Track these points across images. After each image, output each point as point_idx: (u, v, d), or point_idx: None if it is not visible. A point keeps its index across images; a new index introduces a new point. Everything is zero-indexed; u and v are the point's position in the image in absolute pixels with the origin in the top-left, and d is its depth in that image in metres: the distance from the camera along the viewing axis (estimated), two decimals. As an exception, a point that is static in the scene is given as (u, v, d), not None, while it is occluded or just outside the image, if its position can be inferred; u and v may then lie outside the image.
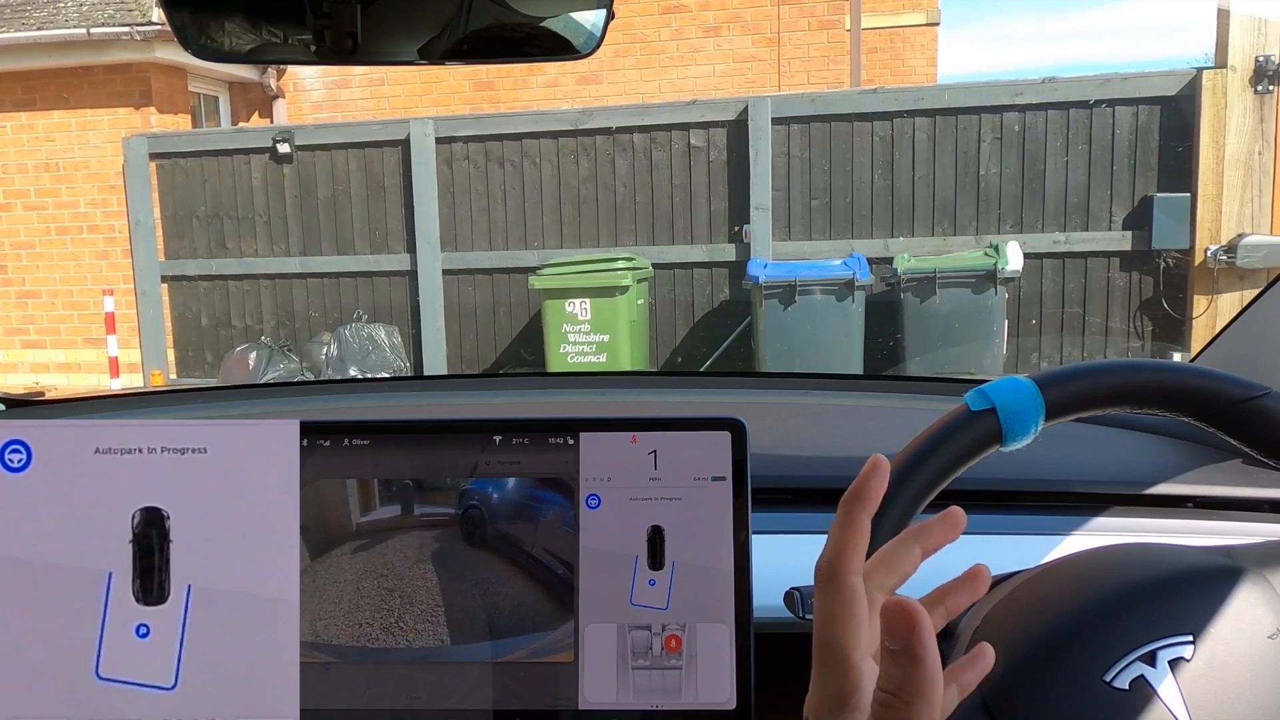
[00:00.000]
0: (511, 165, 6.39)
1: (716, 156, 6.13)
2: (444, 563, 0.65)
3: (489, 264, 6.44)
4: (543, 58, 0.83)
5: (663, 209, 6.22)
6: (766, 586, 0.67)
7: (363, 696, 0.63)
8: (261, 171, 6.69)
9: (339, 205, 6.63)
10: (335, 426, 0.65)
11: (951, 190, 5.87)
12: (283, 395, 1.45)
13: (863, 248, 5.87)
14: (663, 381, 1.51)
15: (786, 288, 5.30)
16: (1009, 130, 5.77)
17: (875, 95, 5.96)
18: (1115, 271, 5.72)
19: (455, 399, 1.32)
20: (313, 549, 0.64)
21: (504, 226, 6.44)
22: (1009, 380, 0.60)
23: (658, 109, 6.21)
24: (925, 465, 0.59)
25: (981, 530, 0.80)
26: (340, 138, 6.58)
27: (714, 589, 0.64)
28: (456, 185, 6.46)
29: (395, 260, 6.56)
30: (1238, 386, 0.59)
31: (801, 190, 6.05)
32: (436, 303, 6.48)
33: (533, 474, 0.65)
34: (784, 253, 6.00)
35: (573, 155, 6.31)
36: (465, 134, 6.39)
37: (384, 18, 0.74)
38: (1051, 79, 5.69)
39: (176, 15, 0.73)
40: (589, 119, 6.24)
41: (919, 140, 5.88)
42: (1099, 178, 5.70)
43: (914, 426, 0.65)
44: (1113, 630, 0.56)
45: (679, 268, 6.20)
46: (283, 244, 6.74)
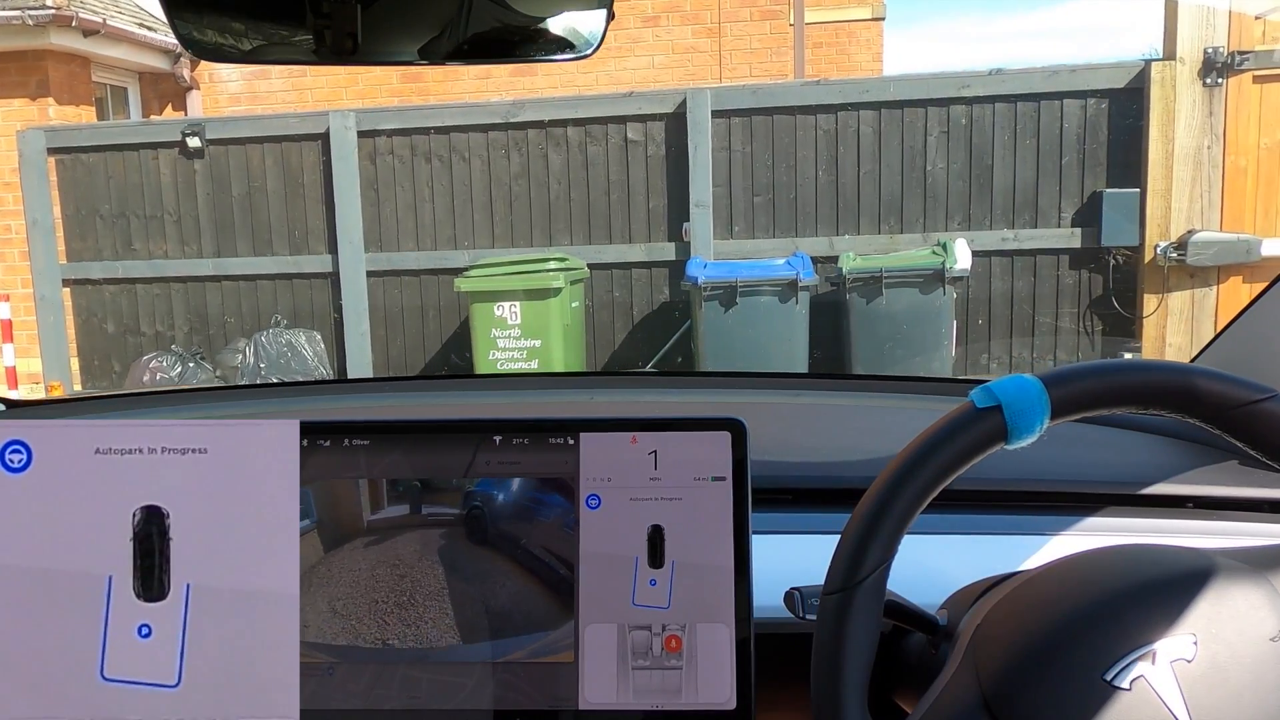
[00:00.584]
0: (439, 161, 6.04)
1: (655, 151, 5.85)
2: (446, 563, 0.65)
3: (416, 265, 6.08)
4: (543, 58, 0.82)
5: (599, 206, 5.93)
6: (766, 586, 0.66)
7: (364, 697, 0.63)
8: (171, 167, 6.26)
9: (255, 203, 6.23)
10: (335, 426, 0.65)
11: (898, 186, 5.66)
12: (283, 395, 1.43)
13: (807, 246, 5.64)
14: (663, 381, 1.49)
15: (727, 289, 5.04)
16: (956, 124, 5.58)
17: (819, 87, 5.72)
18: (1065, 269, 5.56)
19: (455, 399, 1.31)
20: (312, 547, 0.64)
21: (432, 225, 6.09)
22: (1015, 378, 0.59)
23: (593, 101, 5.91)
24: (929, 462, 0.58)
25: (981, 530, 0.81)
26: (255, 131, 6.17)
27: (714, 589, 0.64)
28: (381, 182, 6.10)
29: (316, 261, 6.18)
30: (1245, 389, 0.58)
31: (744, 186, 5.79)
32: (361, 306, 6.11)
33: (533, 474, 0.65)
34: (726, 251, 5.74)
35: (504, 150, 5.98)
36: (389, 127, 6.03)
37: (384, 18, 0.73)
38: (999, 71, 5.51)
39: (176, 15, 0.72)
40: (520, 112, 5.92)
41: (864, 134, 5.66)
42: (1048, 173, 5.53)
43: (914, 427, 0.62)
44: (1114, 629, 0.56)
45: (616, 268, 5.91)
46: (195, 244, 6.32)
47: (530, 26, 0.78)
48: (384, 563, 0.65)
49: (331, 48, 0.72)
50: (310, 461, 0.64)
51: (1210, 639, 0.55)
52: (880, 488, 0.57)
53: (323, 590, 0.64)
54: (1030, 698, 0.55)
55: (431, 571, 0.65)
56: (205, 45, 0.76)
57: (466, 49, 0.77)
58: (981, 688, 0.57)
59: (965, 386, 1.09)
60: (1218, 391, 0.58)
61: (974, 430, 0.58)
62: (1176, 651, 0.55)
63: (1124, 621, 0.56)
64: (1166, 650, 0.55)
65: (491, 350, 5.14)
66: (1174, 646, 0.55)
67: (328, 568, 0.64)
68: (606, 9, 0.75)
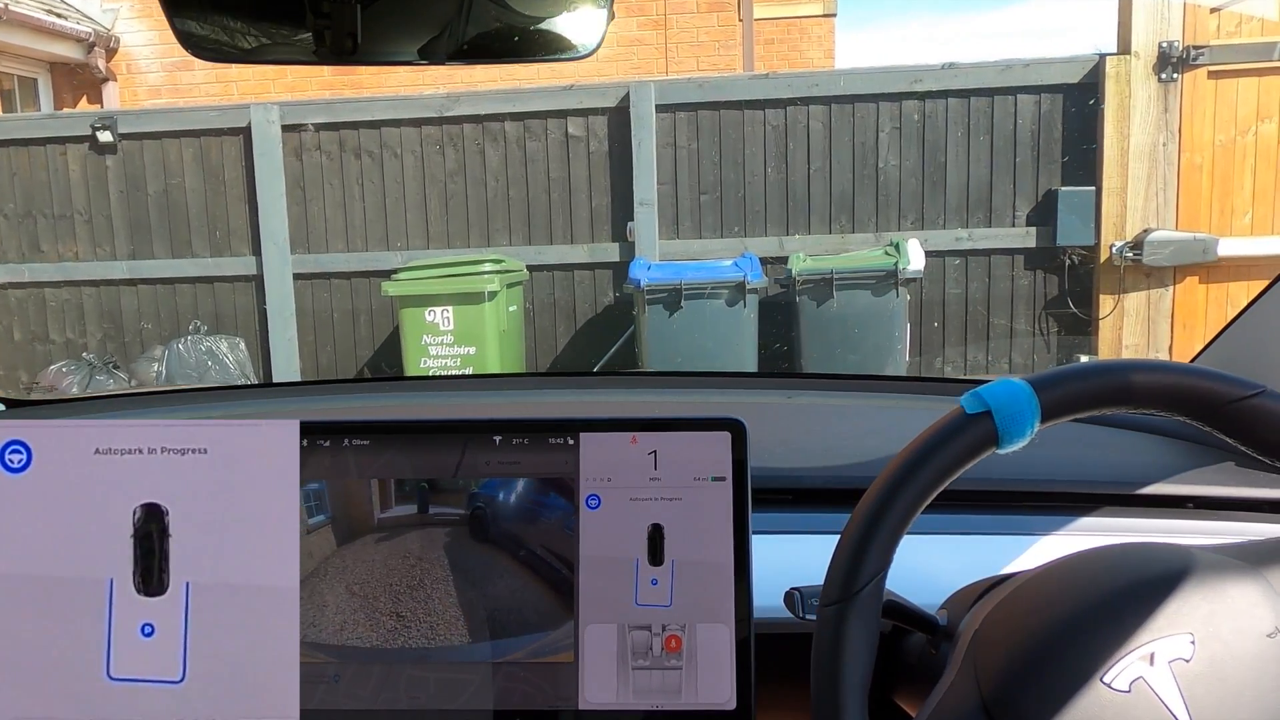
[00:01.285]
0: (369, 156, 5.72)
1: (597, 147, 5.59)
2: (449, 563, 0.64)
3: (346, 267, 5.75)
4: (543, 58, 0.82)
5: (539, 205, 5.65)
6: (766, 586, 0.66)
7: (364, 697, 0.63)
8: (80, 163, 5.86)
9: (172, 201, 5.85)
10: (335, 426, 0.65)
11: (849, 184, 5.46)
12: (283, 395, 1.43)
13: (756, 246, 5.42)
14: (663, 381, 1.49)
15: (671, 292, 4.79)
16: (908, 119, 5.39)
17: (767, 81, 5.50)
18: (1019, 270, 5.40)
19: (455, 399, 1.31)
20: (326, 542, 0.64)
21: (362, 225, 5.76)
22: (1004, 382, 0.58)
23: (531, 95, 5.62)
24: (923, 469, 0.57)
25: (980, 530, 0.82)
26: (172, 124, 5.79)
27: (714, 589, 0.64)
28: (307, 179, 5.75)
29: (239, 263, 5.82)
30: (1233, 385, 0.58)
31: (690, 184, 5.55)
32: (287, 311, 5.76)
33: (533, 474, 0.66)
34: (672, 252, 5.50)
35: (438, 145, 5.67)
36: (316, 121, 5.69)
37: (384, 18, 0.73)
38: (951, 65, 5.32)
39: (176, 15, 0.73)
40: (455, 105, 5.62)
41: (814, 130, 5.45)
42: (1001, 171, 5.36)
43: (913, 427, 0.62)
44: (1112, 630, 0.56)
45: (558, 270, 5.63)
46: (107, 246, 5.92)
47: (530, 26, 0.78)
48: (389, 562, 0.65)
49: (331, 48, 0.72)
50: (310, 461, 0.65)
51: (1208, 638, 0.55)
52: (873, 497, 0.57)
53: (332, 586, 0.64)
54: (1030, 702, 0.55)
55: (434, 572, 0.65)
56: (205, 45, 0.75)
57: (466, 49, 0.77)
58: (981, 692, 0.57)
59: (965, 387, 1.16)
60: (1208, 389, 0.57)
61: (964, 437, 0.57)
62: (1174, 652, 0.55)
63: (1121, 623, 0.56)
64: (1164, 651, 0.55)
65: (423, 358, 4.84)
66: (1171, 647, 0.55)
67: (342, 559, 0.64)
68: (606, 9, 0.75)
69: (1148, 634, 0.55)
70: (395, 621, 0.64)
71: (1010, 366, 5.46)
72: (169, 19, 0.72)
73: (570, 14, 0.76)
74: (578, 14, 0.76)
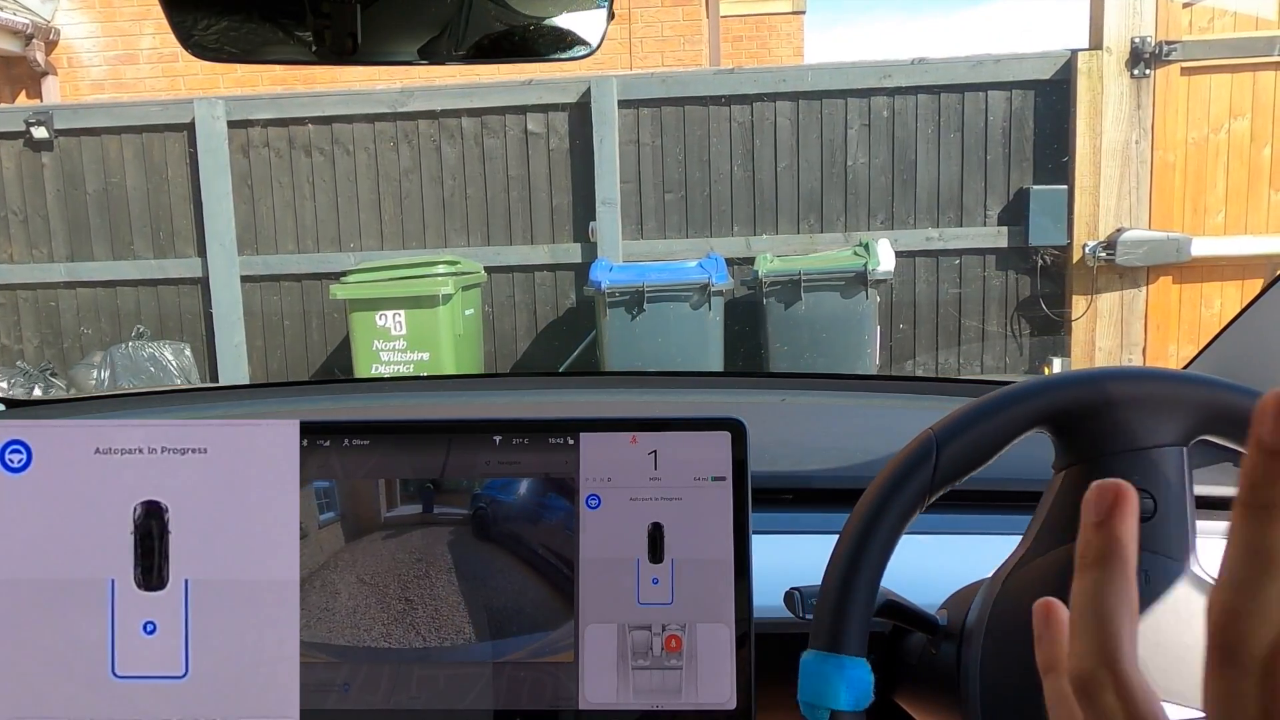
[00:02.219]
0: (320, 154, 5.49)
1: (558, 144, 5.40)
2: (451, 563, 0.65)
3: (296, 268, 5.52)
4: (543, 58, 0.82)
5: (498, 204, 5.44)
6: (766, 586, 0.66)
7: (364, 696, 0.64)
8: (15, 160, 5.58)
9: (113, 201, 5.59)
10: (335, 426, 0.66)
11: (817, 182, 5.31)
12: (283, 395, 1.43)
13: (722, 246, 5.25)
14: (663, 381, 1.48)
15: (634, 294, 4.61)
16: (878, 116, 5.24)
17: (733, 76, 5.33)
18: (991, 270, 5.27)
19: (455, 399, 1.31)
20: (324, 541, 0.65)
21: (313, 225, 5.53)
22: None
23: (489, 90, 5.42)
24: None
25: (980, 530, 0.83)
26: (112, 120, 5.53)
27: (714, 589, 0.64)
28: (255, 177, 5.51)
29: (183, 265, 5.57)
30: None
31: (654, 183, 5.37)
32: (234, 315, 5.52)
33: (533, 474, 0.66)
34: (636, 253, 5.32)
35: (392, 142, 5.46)
36: (263, 117, 5.46)
37: (384, 18, 0.73)
38: (921, 60, 5.19)
39: (176, 15, 0.73)
40: (409, 100, 5.40)
41: (781, 127, 5.29)
42: (973, 169, 5.23)
43: (914, 427, 0.61)
44: None
45: (518, 271, 5.44)
46: (45, 247, 5.64)
47: (530, 26, 0.78)
48: (397, 555, 0.65)
49: (331, 48, 0.73)
50: (310, 461, 0.65)
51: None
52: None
53: (344, 575, 0.64)
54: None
55: (436, 572, 0.65)
56: (205, 45, 0.76)
57: (466, 49, 0.78)
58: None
59: (966, 387, 1.10)
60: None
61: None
62: None
63: None
64: None
65: (374, 364, 4.63)
66: None
67: (351, 553, 0.65)
68: (606, 8, 0.76)
69: None
70: (404, 605, 0.64)
71: (982, 369, 5.33)
72: (168, 19, 0.72)
73: (570, 14, 0.77)
74: (578, 13, 0.77)
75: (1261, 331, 0.99)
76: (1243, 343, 1.01)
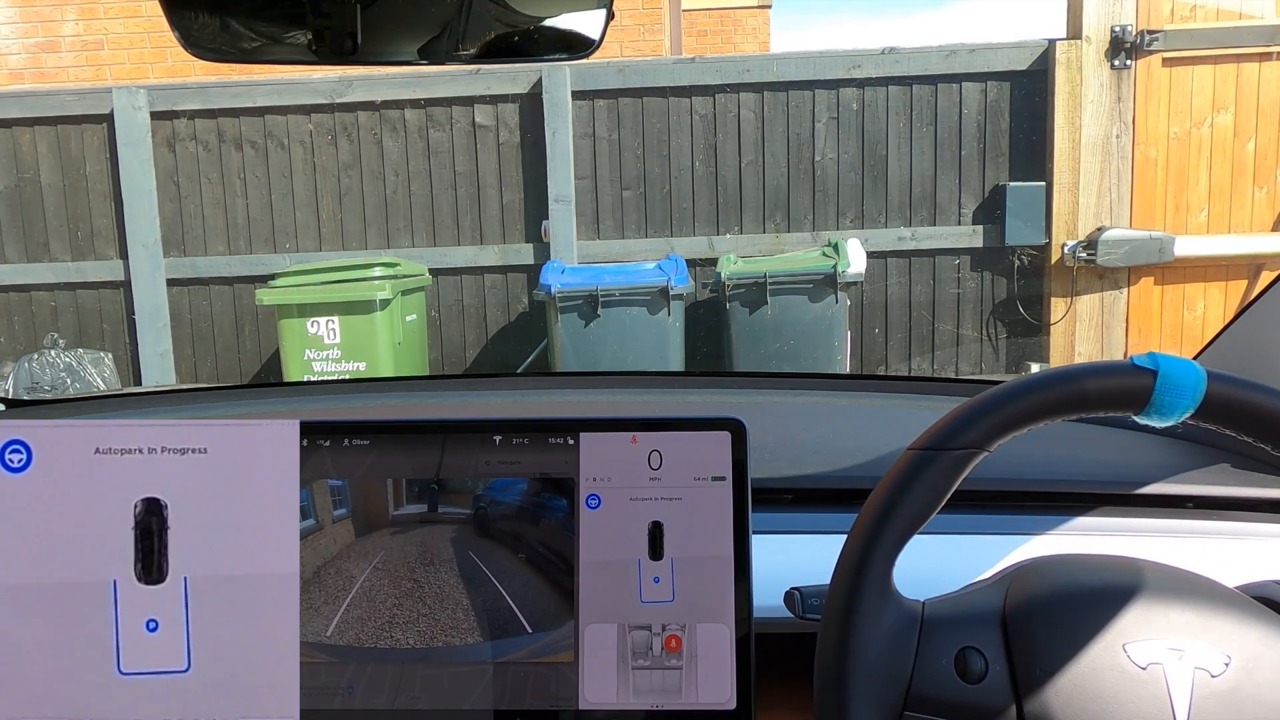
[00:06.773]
0: (252, 148, 5.11)
1: (508, 138, 5.06)
2: (452, 562, 0.65)
3: (227, 271, 5.14)
4: (542, 58, 0.82)
5: (444, 202, 5.09)
6: (766, 586, 0.66)
7: (364, 696, 0.64)
8: (-83, 154, 5.14)
9: (26, 198, 5.17)
10: (335, 426, 0.66)
11: (784, 179, 5.01)
12: (283, 395, 1.40)
13: (684, 247, 4.95)
14: (663, 381, 1.45)
15: (587, 299, 4.28)
16: (846, 109, 4.96)
17: (694, 65, 5.02)
18: (966, 272, 5.01)
19: (455, 399, 1.30)
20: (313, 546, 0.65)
21: (245, 224, 5.15)
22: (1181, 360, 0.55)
23: (434, 79, 5.07)
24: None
25: (980, 530, 0.82)
26: (25, 111, 5.11)
27: (714, 589, 0.64)
28: (182, 173, 5.12)
29: (104, 268, 5.16)
30: None
31: (610, 179, 5.05)
32: (159, 321, 5.12)
33: (533, 474, 0.66)
34: (591, 253, 4.99)
35: (329, 136, 5.09)
36: (190, 108, 5.07)
37: (384, 18, 0.74)
38: (892, 49, 4.91)
39: (176, 15, 0.73)
40: (348, 90, 5.04)
41: (745, 120, 4.99)
42: (946, 165, 4.96)
43: (914, 427, 0.60)
44: (1158, 614, 0.56)
45: (466, 273, 5.09)
46: (-49, 248, 5.21)
47: (530, 26, 0.78)
48: (395, 561, 0.65)
49: (331, 47, 0.73)
50: (310, 461, 0.65)
51: (1243, 667, 0.54)
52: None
53: (358, 564, 0.64)
54: (1048, 630, 0.55)
55: (437, 571, 0.65)
56: (204, 45, 0.75)
57: (466, 49, 0.78)
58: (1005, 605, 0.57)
59: (966, 386, 1.17)
60: None
61: (1119, 383, 0.55)
62: (1205, 661, 0.54)
63: (1170, 614, 0.56)
64: (1196, 655, 0.54)
65: (306, 375, 4.26)
66: (1206, 656, 0.54)
67: (363, 546, 0.65)
68: (606, 8, 0.76)
69: (1190, 636, 0.55)
70: (411, 601, 0.65)
71: (957, 375, 5.06)
72: (168, 19, 0.72)
73: (570, 14, 0.76)
74: (577, 14, 0.76)
75: (1263, 329, 0.97)
76: (1244, 341, 1.00)
